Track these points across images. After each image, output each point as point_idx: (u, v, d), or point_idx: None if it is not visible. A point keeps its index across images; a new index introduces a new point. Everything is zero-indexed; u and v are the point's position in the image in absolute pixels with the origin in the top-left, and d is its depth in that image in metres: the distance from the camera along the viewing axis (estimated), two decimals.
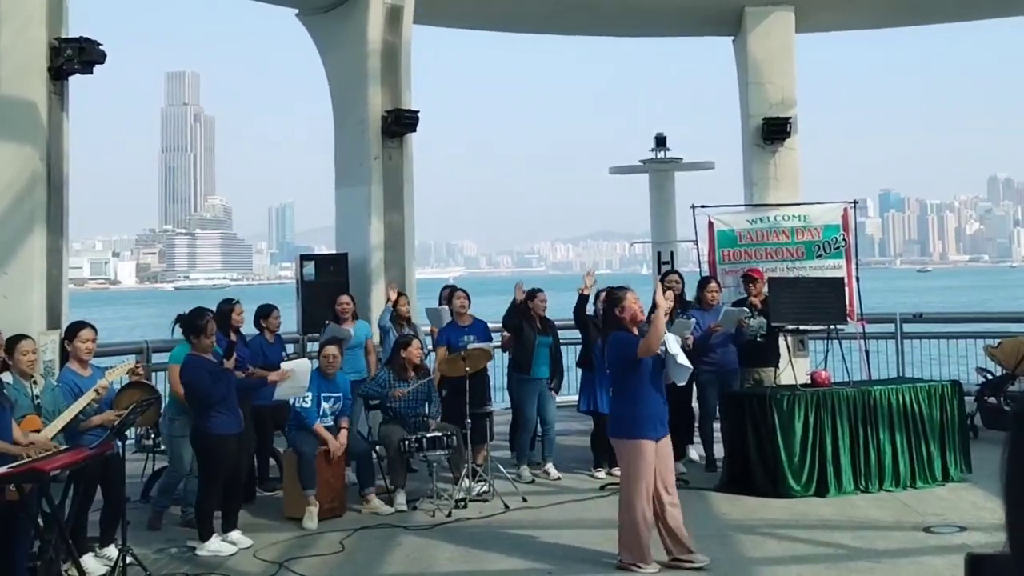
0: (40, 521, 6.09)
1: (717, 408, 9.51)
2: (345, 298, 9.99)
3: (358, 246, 11.68)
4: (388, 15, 11.77)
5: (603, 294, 9.41)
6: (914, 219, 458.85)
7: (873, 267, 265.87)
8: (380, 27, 11.72)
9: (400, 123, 11.62)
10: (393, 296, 10.21)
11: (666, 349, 6.66)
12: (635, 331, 6.72)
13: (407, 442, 8.37)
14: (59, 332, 7.84)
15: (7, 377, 6.39)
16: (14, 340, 6.52)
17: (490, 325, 10.18)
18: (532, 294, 9.63)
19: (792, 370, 9.23)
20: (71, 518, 6.42)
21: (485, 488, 8.66)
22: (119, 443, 6.60)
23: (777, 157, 12.90)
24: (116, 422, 6.46)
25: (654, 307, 6.86)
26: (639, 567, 6.49)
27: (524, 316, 9.54)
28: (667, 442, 6.74)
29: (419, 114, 11.78)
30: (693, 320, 9.45)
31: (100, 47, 8.43)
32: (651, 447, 6.56)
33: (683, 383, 7.04)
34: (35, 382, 6.56)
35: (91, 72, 8.48)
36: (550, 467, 9.55)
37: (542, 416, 9.60)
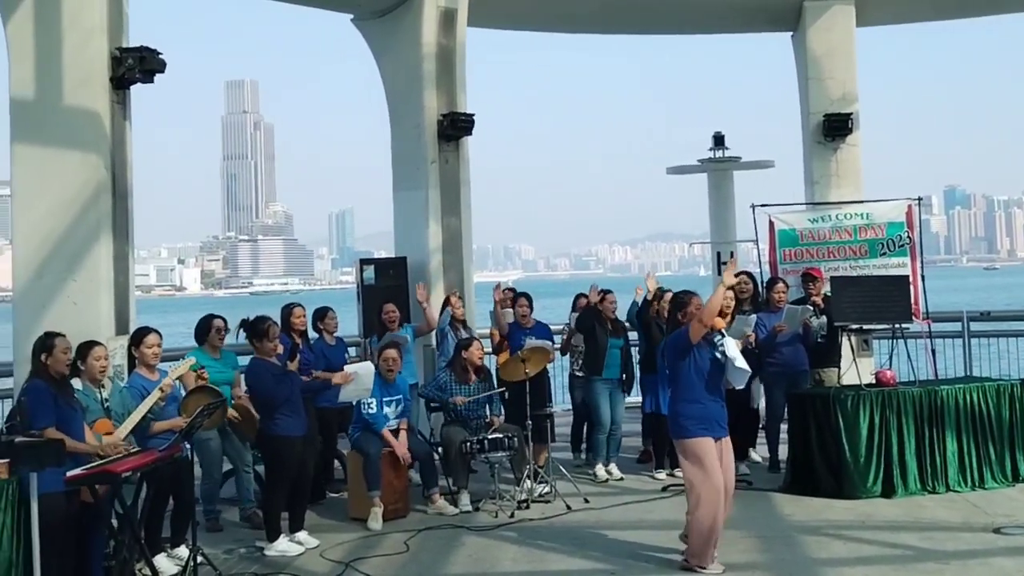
0: (114, 522, 6.23)
1: (784, 409, 9.38)
2: (390, 305, 10.00)
3: (417, 250, 11.75)
4: (442, 18, 11.83)
5: (668, 294, 9.45)
6: (980, 216, 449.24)
7: (939, 265, 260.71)
8: (434, 30, 11.79)
9: (456, 126, 11.68)
10: (455, 301, 10.23)
11: (725, 352, 6.64)
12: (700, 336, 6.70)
13: (469, 443, 8.41)
14: (126, 337, 8.00)
15: (77, 383, 6.53)
16: (87, 346, 6.67)
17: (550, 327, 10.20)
18: (602, 295, 9.63)
19: (856, 370, 9.09)
20: (143, 519, 6.56)
21: (547, 489, 8.67)
22: (187, 446, 6.74)
23: (839, 154, 12.72)
24: (184, 426, 6.59)
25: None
26: (703, 568, 6.47)
27: (596, 318, 9.54)
28: (728, 443, 6.72)
29: (475, 117, 11.84)
30: (753, 318, 9.36)
31: (160, 56, 8.57)
32: (711, 444, 6.56)
33: (741, 387, 6.97)
34: (103, 386, 6.70)
35: (152, 81, 8.61)
36: (613, 467, 9.55)
37: (611, 416, 9.60)
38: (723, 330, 6.79)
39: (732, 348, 6.70)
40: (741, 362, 6.67)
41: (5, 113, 8.43)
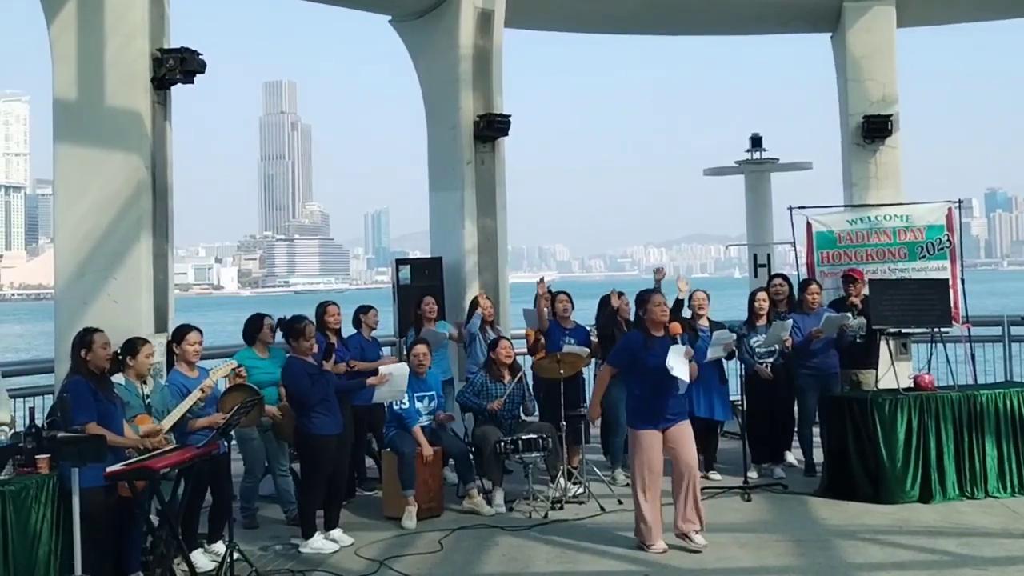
0: (152, 517, 6.31)
1: (816, 412, 9.35)
2: (430, 298, 10.14)
3: (452, 250, 11.80)
4: (479, 20, 11.87)
5: (697, 293, 9.52)
6: (1022, 218, 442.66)
7: (979, 269, 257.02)
8: (471, 32, 11.84)
9: (492, 127, 11.72)
10: (485, 302, 10.28)
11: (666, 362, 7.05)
12: (655, 333, 7.22)
13: (503, 443, 8.43)
14: (166, 335, 8.09)
15: (119, 379, 6.62)
16: (139, 342, 6.76)
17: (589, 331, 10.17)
18: (615, 297, 9.57)
19: (894, 374, 9.01)
20: (181, 515, 6.63)
21: (580, 490, 8.66)
22: (225, 443, 6.80)
23: (878, 156, 12.60)
24: (222, 423, 6.66)
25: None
26: (647, 547, 7.04)
27: (613, 322, 9.50)
28: (681, 428, 7.23)
29: (511, 118, 11.86)
30: (790, 321, 9.32)
31: (200, 57, 8.67)
32: (651, 436, 7.13)
33: (682, 393, 7.24)
34: (144, 382, 6.78)
35: (192, 82, 8.71)
36: None
37: None
38: (677, 337, 7.18)
39: (672, 357, 7.02)
40: (678, 372, 7.02)
41: (49, 113, 8.57)
